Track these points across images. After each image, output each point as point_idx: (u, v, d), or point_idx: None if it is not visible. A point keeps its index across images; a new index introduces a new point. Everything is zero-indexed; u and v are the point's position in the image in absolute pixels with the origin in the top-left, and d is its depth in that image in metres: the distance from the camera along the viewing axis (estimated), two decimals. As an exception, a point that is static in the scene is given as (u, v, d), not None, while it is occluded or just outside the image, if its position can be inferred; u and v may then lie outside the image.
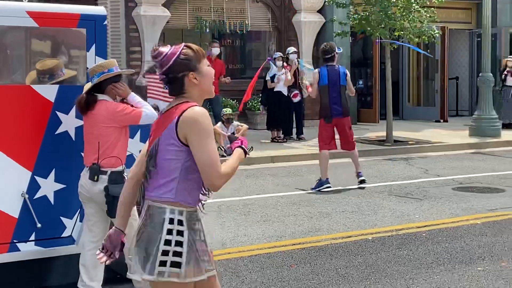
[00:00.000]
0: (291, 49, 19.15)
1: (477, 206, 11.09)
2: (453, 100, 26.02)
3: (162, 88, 12.28)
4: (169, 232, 4.17)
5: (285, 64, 18.44)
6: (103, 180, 6.49)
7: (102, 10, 7.09)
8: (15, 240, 6.65)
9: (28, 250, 6.71)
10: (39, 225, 6.71)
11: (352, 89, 13.00)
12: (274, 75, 18.30)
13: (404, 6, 18.01)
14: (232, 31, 21.65)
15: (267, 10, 22.25)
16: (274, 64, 18.39)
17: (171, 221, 4.19)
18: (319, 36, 22.37)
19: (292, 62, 18.65)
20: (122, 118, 6.55)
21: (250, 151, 4.55)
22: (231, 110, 16.96)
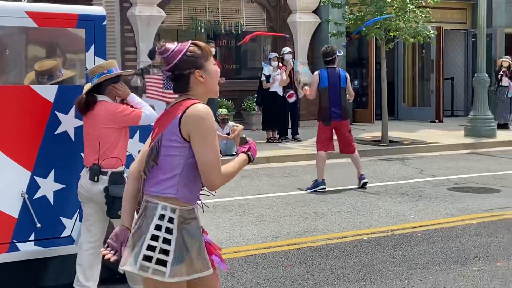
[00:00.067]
0: (286, 49, 19.14)
1: (472, 206, 11.10)
2: (448, 101, 26.04)
3: (161, 88, 12.30)
4: (157, 227, 4.15)
5: (280, 64, 18.43)
6: (103, 180, 6.50)
7: (101, 10, 7.10)
8: (14, 240, 6.66)
9: (28, 250, 6.72)
10: (38, 225, 6.72)
11: (352, 92, 12.98)
12: (269, 76, 18.29)
13: (400, 6, 18.02)
14: (227, 32, 21.64)
15: (262, 11, 22.25)
16: (269, 65, 18.38)
17: (161, 217, 4.17)
18: (314, 37, 22.39)
19: (287, 62, 18.64)
20: (122, 119, 6.56)
21: (241, 141, 4.55)
22: (226, 111, 16.96)
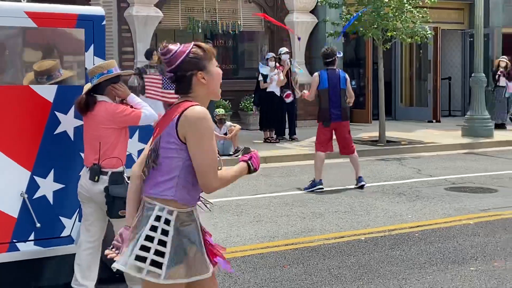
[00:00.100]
0: (283, 49, 19.14)
1: (469, 206, 11.10)
2: (445, 101, 26.05)
3: (161, 88, 12.30)
4: (152, 228, 4.14)
5: (277, 64, 18.44)
6: (104, 180, 6.51)
7: (100, 11, 7.12)
8: (14, 240, 6.67)
9: (28, 250, 6.74)
10: (38, 224, 6.73)
11: (352, 94, 12.96)
12: (266, 76, 18.28)
13: (397, 6, 18.02)
14: (225, 32, 21.63)
15: (259, 11, 22.20)
16: (267, 65, 18.39)
17: (157, 218, 4.15)
18: (312, 37, 22.40)
19: (285, 62, 18.64)
20: (121, 119, 6.58)
21: (243, 151, 4.52)
22: (223, 111, 16.95)
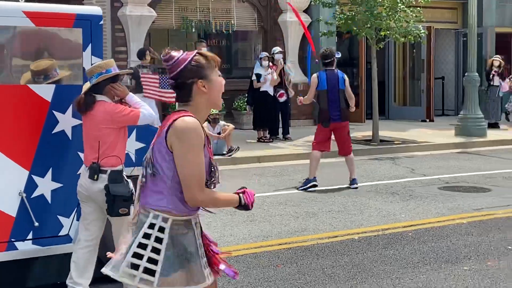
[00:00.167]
0: (276, 49, 19.13)
1: (463, 206, 11.11)
2: (439, 100, 26.07)
3: (158, 87, 12.29)
4: (145, 236, 4.09)
5: (270, 64, 18.43)
6: (103, 179, 6.54)
7: (98, 10, 7.14)
8: (12, 239, 6.69)
9: (26, 249, 6.75)
10: (36, 224, 6.74)
11: (351, 94, 12.93)
12: (260, 75, 18.27)
13: (390, 5, 18.03)
14: (218, 31, 21.61)
15: (253, 10, 22.23)
16: (260, 64, 18.38)
17: (151, 226, 4.11)
18: (305, 36, 22.36)
19: (278, 62, 18.64)
20: (120, 119, 6.60)
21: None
22: (217, 110, 16.92)
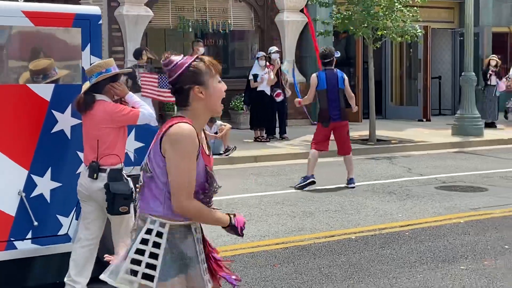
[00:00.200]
0: (273, 48, 19.12)
1: (460, 205, 11.12)
2: (435, 99, 26.06)
3: (156, 87, 12.28)
4: (143, 241, 4.06)
5: (267, 63, 18.42)
6: (103, 178, 6.56)
7: (96, 10, 7.16)
8: (12, 238, 6.70)
9: (25, 248, 6.76)
10: (35, 223, 6.75)
11: (351, 93, 13.02)
12: (257, 75, 18.27)
13: (387, 5, 18.03)
14: (215, 31, 21.60)
15: (249, 10, 22.23)
16: (258, 64, 18.38)
17: (148, 231, 4.07)
18: (302, 36, 22.38)
19: (275, 61, 18.63)
20: (120, 119, 6.62)
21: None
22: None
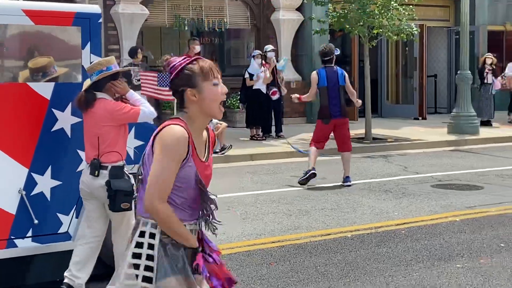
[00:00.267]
0: (269, 47, 19.11)
1: (456, 203, 11.12)
2: (431, 98, 26.09)
3: (156, 85, 12.27)
4: (138, 245, 4.03)
5: (263, 62, 18.42)
6: (104, 175, 6.57)
7: (96, 9, 7.17)
8: (12, 237, 6.71)
9: (25, 246, 6.77)
10: (36, 221, 6.76)
11: (352, 90, 13.14)
12: (253, 74, 18.25)
13: (383, 3, 18.05)
14: (211, 29, 21.60)
15: (245, 8, 22.23)
16: (254, 62, 18.36)
17: (141, 234, 4.04)
18: (298, 34, 22.39)
19: (270, 60, 18.62)
20: (120, 117, 6.63)
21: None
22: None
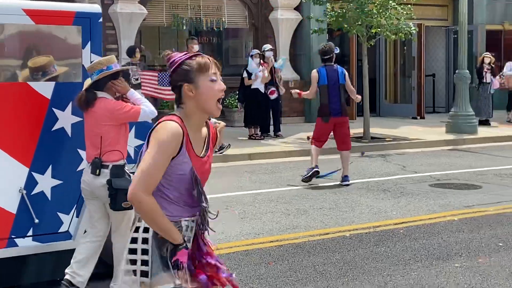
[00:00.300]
0: (267, 46, 19.12)
1: (454, 203, 11.12)
2: (429, 97, 26.10)
3: (156, 85, 12.27)
4: (133, 240, 4.04)
5: (261, 61, 18.42)
6: (105, 174, 6.58)
7: (97, 8, 7.19)
8: (13, 236, 6.72)
9: (26, 245, 6.78)
10: (36, 220, 6.77)
11: (352, 88, 13.12)
12: (251, 73, 18.25)
13: (381, 3, 18.05)
14: (209, 29, 21.60)
15: (244, 8, 22.23)
16: (252, 62, 18.36)
17: (136, 229, 4.05)
18: (296, 33, 22.40)
19: (268, 59, 18.63)
20: (121, 116, 6.64)
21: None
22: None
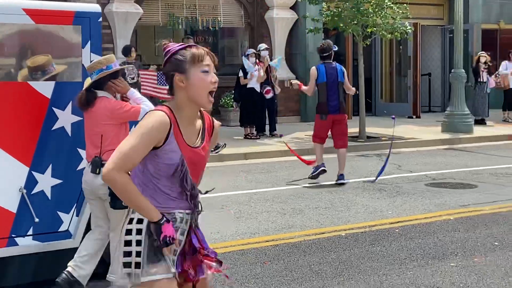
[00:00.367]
0: (263, 45, 19.12)
1: (450, 202, 11.13)
2: (425, 96, 26.11)
3: (155, 84, 12.27)
4: (128, 232, 4.06)
5: (257, 60, 18.41)
6: None
7: (96, 8, 7.22)
8: (13, 235, 6.73)
9: (26, 245, 6.79)
10: (36, 219, 6.78)
11: (350, 86, 13.19)
12: (247, 72, 18.24)
13: (377, 2, 18.05)
14: (205, 28, 21.59)
15: (239, 7, 22.22)
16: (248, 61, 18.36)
17: (130, 221, 4.07)
18: (292, 33, 22.40)
19: (264, 58, 18.63)
20: (121, 115, 6.66)
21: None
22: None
